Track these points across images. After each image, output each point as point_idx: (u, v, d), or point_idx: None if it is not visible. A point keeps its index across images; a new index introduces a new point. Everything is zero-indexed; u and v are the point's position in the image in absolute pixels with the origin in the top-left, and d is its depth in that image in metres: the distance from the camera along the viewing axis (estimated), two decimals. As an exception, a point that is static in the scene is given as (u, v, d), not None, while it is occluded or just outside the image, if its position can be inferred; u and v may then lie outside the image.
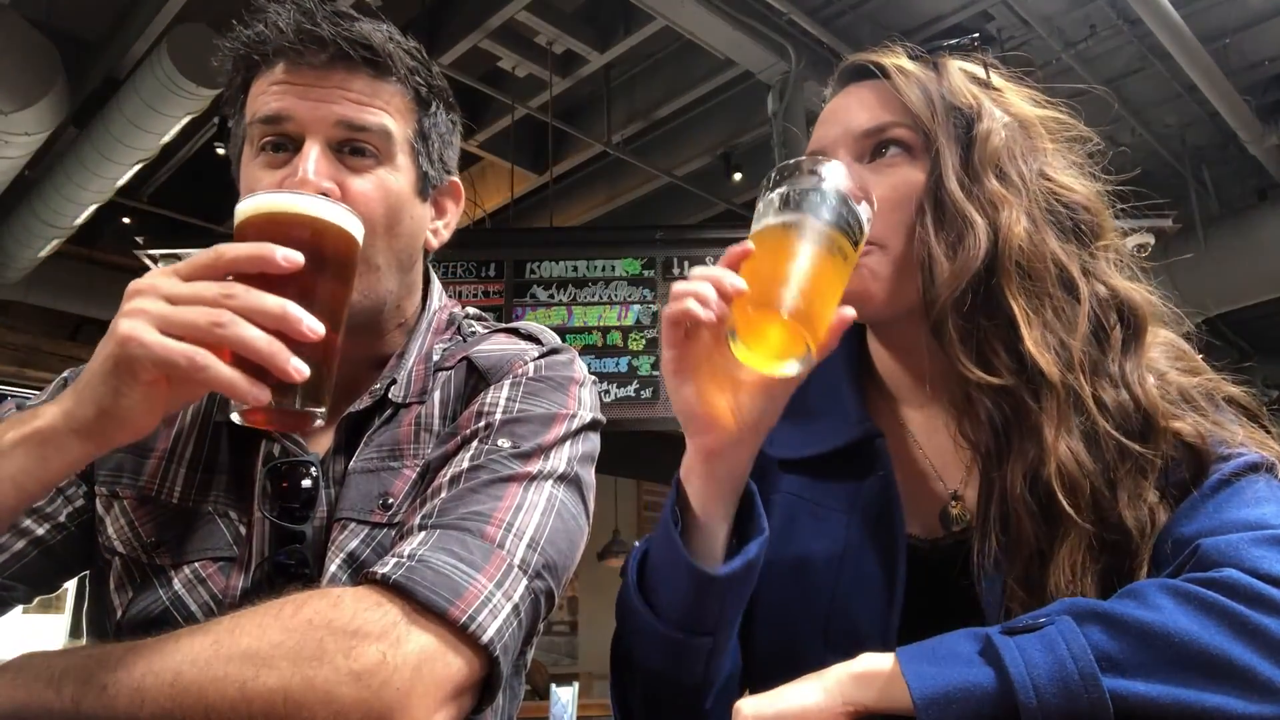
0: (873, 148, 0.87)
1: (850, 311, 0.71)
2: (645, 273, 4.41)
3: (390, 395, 0.92)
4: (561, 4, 4.66)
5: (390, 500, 0.86)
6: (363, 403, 0.91)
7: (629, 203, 6.01)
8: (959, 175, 0.84)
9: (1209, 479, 0.75)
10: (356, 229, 0.77)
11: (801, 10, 4.29)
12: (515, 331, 0.99)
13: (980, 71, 0.92)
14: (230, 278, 0.70)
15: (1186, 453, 0.77)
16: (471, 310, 1.05)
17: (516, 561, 0.76)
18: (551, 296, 4.37)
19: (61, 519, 0.90)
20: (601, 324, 4.35)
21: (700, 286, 0.70)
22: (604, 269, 4.39)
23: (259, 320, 0.67)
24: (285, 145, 0.88)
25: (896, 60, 0.90)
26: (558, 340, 0.98)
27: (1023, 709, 0.60)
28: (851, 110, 0.90)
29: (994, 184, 0.83)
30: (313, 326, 0.69)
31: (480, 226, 5.86)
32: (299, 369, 0.68)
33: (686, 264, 4.43)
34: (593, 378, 0.99)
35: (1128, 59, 4.71)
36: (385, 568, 0.73)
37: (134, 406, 0.69)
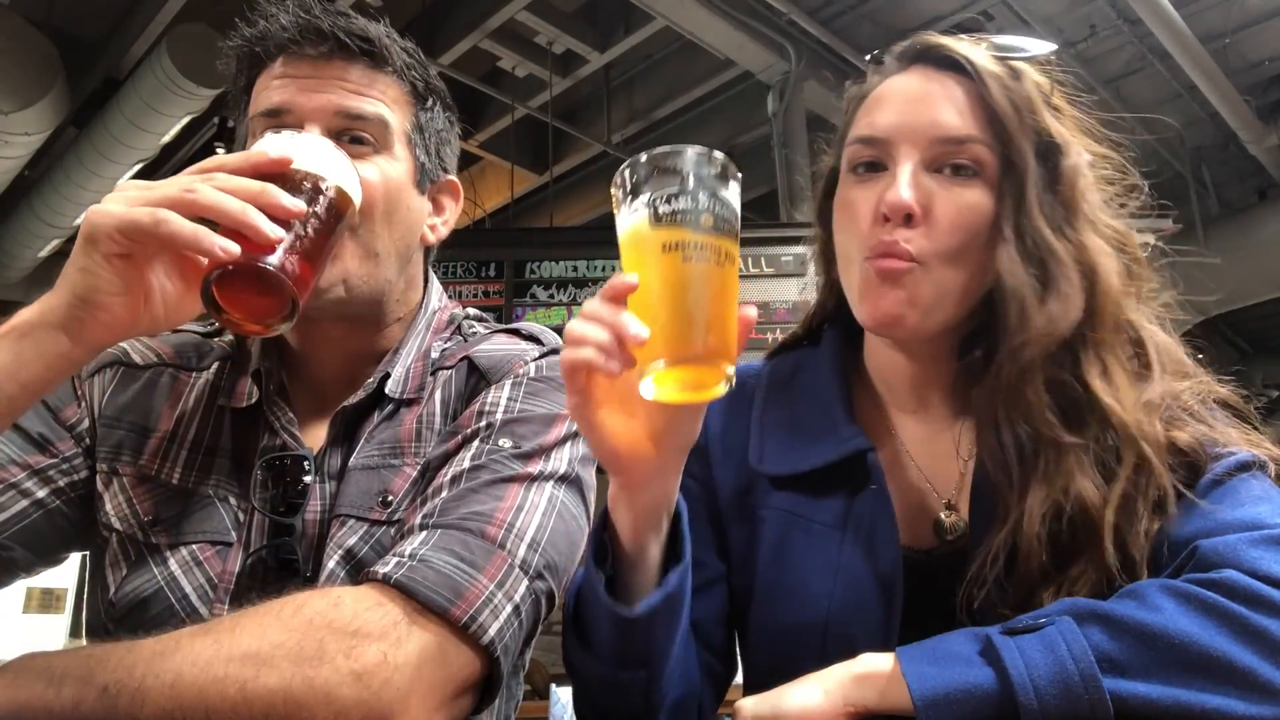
0: (948, 159, 0.79)
1: (752, 312, 0.65)
2: (645, 273, 4.40)
3: (387, 390, 0.92)
4: (561, 4, 4.65)
5: (390, 498, 0.87)
6: (357, 396, 0.91)
7: (629, 203, 5.99)
8: (1047, 211, 0.78)
9: (1202, 480, 0.76)
10: (354, 187, 0.79)
11: (801, 10, 4.28)
12: (516, 332, 0.99)
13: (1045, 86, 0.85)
14: None
15: (1181, 459, 0.77)
16: (472, 311, 1.05)
17: (517, 562, 0.76)
18: (551, 296, 4.36)
19: (62, 484, 0.90)
20: (601, 324, 4.34)
21: (597, 334, 0.63)
22: (604, 269, 4.38)
23: (237, 196, 0.68)
24: None
25: (984, 61, 0.81)
26: (559, 341, 0.98)
27: (1023, 709, 0.60)
28: (934, 103, 0.80)
29: (1084, 225, 0.80)
30: (295, 203, 0.69)
31: (480, 226, 5.86)
32: (274, 230, 0.67)
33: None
34: (593, 378, 0.98)
35: (1128, 59, 4.70)
36: (386, 567, 0.73)
37: (103, 288, 0.69)
